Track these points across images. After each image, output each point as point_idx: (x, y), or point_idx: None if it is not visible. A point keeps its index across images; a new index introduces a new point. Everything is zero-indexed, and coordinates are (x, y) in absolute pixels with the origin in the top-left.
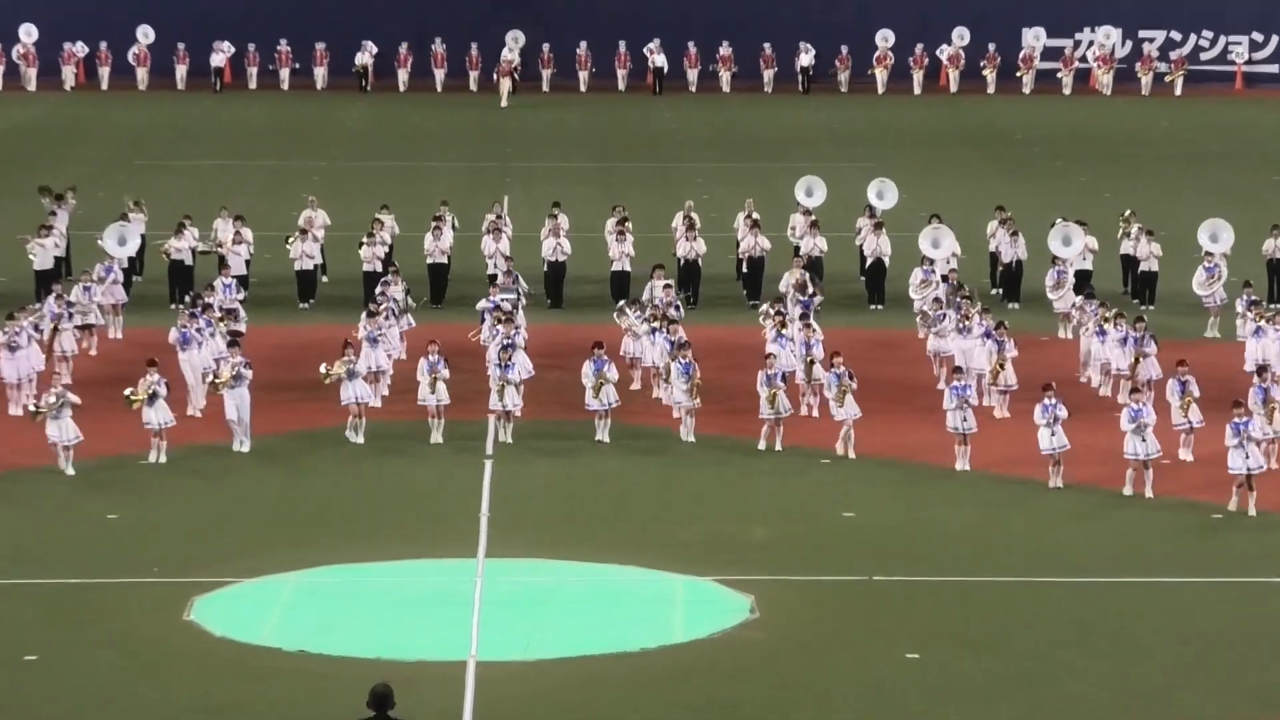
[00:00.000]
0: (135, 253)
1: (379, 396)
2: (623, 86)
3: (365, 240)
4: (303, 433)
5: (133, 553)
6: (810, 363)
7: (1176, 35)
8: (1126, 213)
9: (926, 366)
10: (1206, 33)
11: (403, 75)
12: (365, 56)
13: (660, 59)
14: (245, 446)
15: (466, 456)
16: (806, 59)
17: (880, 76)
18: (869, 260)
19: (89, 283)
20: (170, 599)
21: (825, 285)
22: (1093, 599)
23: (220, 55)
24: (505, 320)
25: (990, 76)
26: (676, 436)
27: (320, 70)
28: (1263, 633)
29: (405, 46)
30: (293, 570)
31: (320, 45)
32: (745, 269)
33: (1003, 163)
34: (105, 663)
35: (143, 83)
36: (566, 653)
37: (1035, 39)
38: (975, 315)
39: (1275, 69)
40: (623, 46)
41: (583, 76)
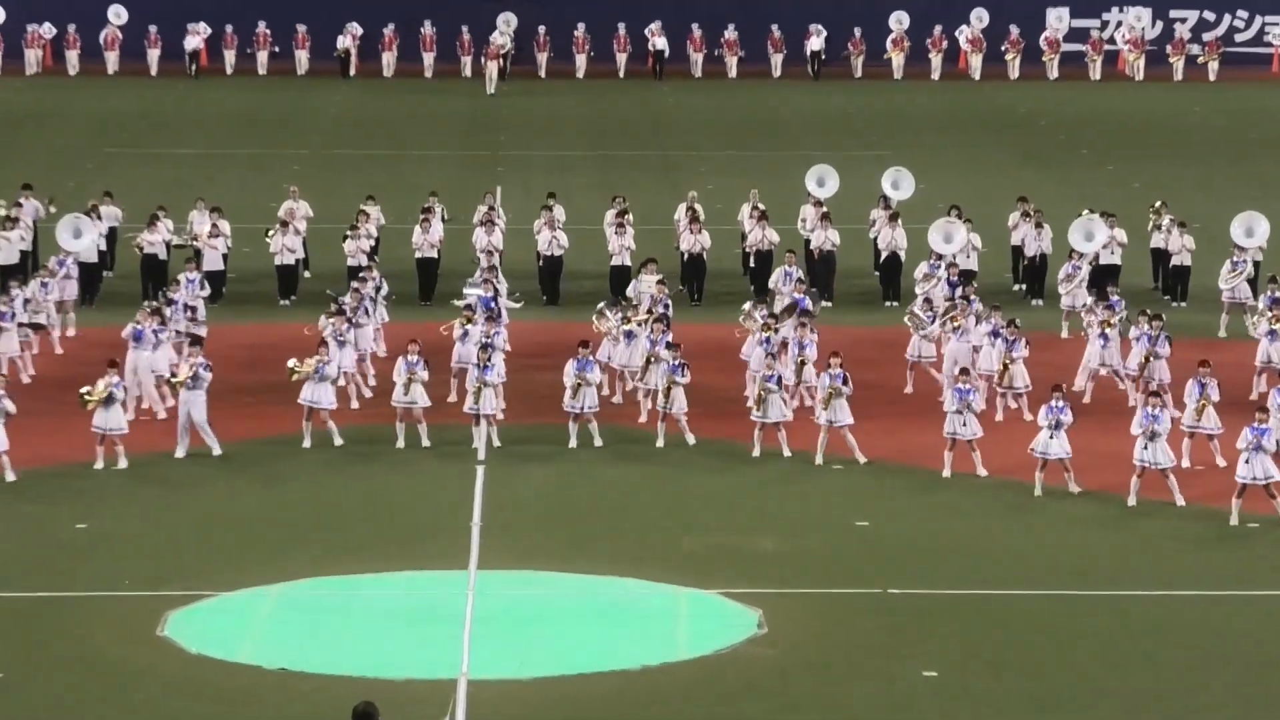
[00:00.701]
0: (104, 246)
1: (356, 399)
2: (622, 71)
3: (349, 233)
4: (283, 437)
5: (102, 565)
6: (801, 363)
7: (1210, 15)
8: (1157, 204)
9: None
10: (1241, 13)
11: (388, 59)
12: (348, 39)
13: (661, 42)
14: (215, 448)
15: (456, 462)
16: (817, 42)
17: (896, 61)
18: (883, 254)
19: (46, 279)
20: (142, 614)
21: (837, 280)
22: (1123, 613)
23: (195, 38)
24: (489, 319)
25: (1014, 62)
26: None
27: (302, 54)
28: None
29: (391, 28)
30: (272, 583)
31: (301, 27)
32: (752, 263)
33: (1026, 151)
34: (73, 682)
35: (113, 67)
36: (563, 671)
37: (1058, 20)
38: (972, 318)
39: None
40: (622, 28)
41: (580, 60)
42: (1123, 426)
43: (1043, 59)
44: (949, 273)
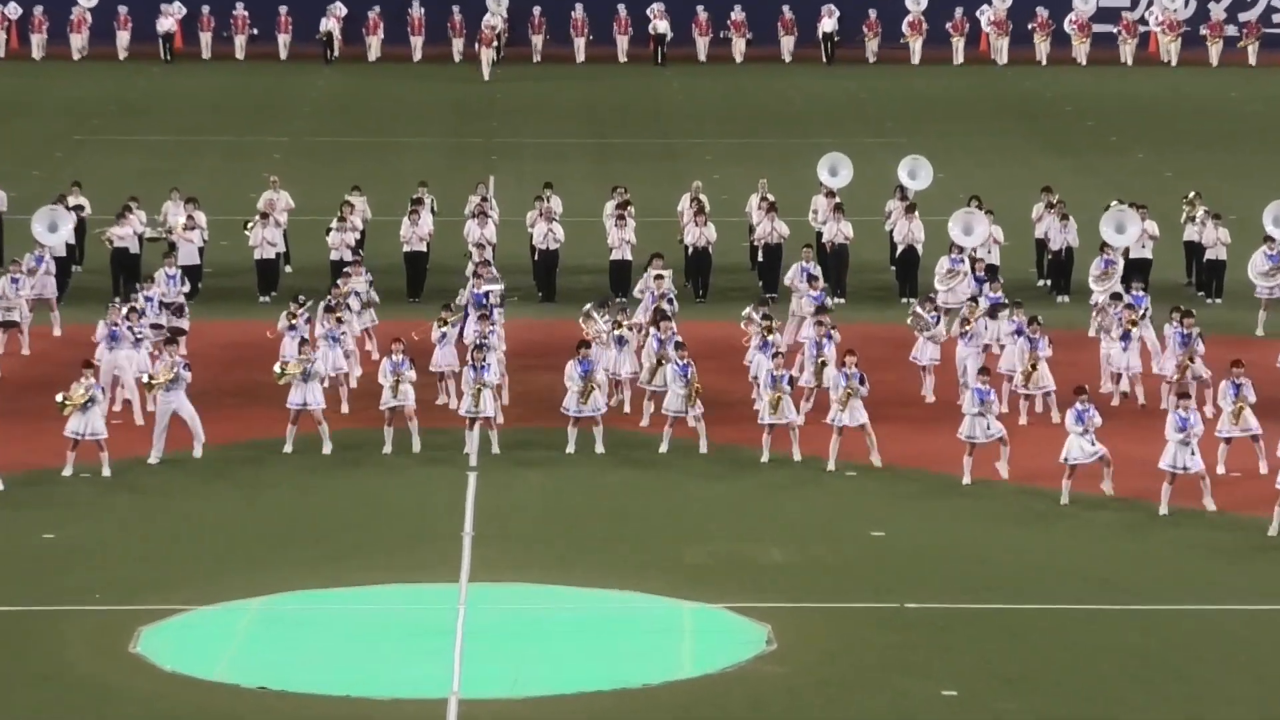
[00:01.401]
0: (72, 239)
1: (346, 402)
2: (623, 56)
3: (334, 225)
4: (262, 442)
5: (71, 577)
6: (822, 365)
7: None
8: (1190, 194)
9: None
10: None
11: (373, 42)
12: (331, 22)
13: (663, 24)
14: (198, 452)
15: (446, 468)
16: (830, 24)
17: (914, 45)
18: (900, 248)
19: (17, 274)
20: (114, 629)
21: (851, 275)
22: (1152, 628)
23: (169, 20)
24: (482, 318)
25: (1043, 46)
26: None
27: (284, 37)
28: None
29: (376, 10)
30: (251, 596)
31: (283, 9)
32: (760, 258)
33: (1050, 138)
34: (40, 701)
35: (79, 50)
36: (560, 690)
37: (1084, 2)
38: (982, 320)
39: None
40: (623, 10)
41: (578, 44)
42: (1155, 429)
43: (1071, 42)
44: (974, 268)
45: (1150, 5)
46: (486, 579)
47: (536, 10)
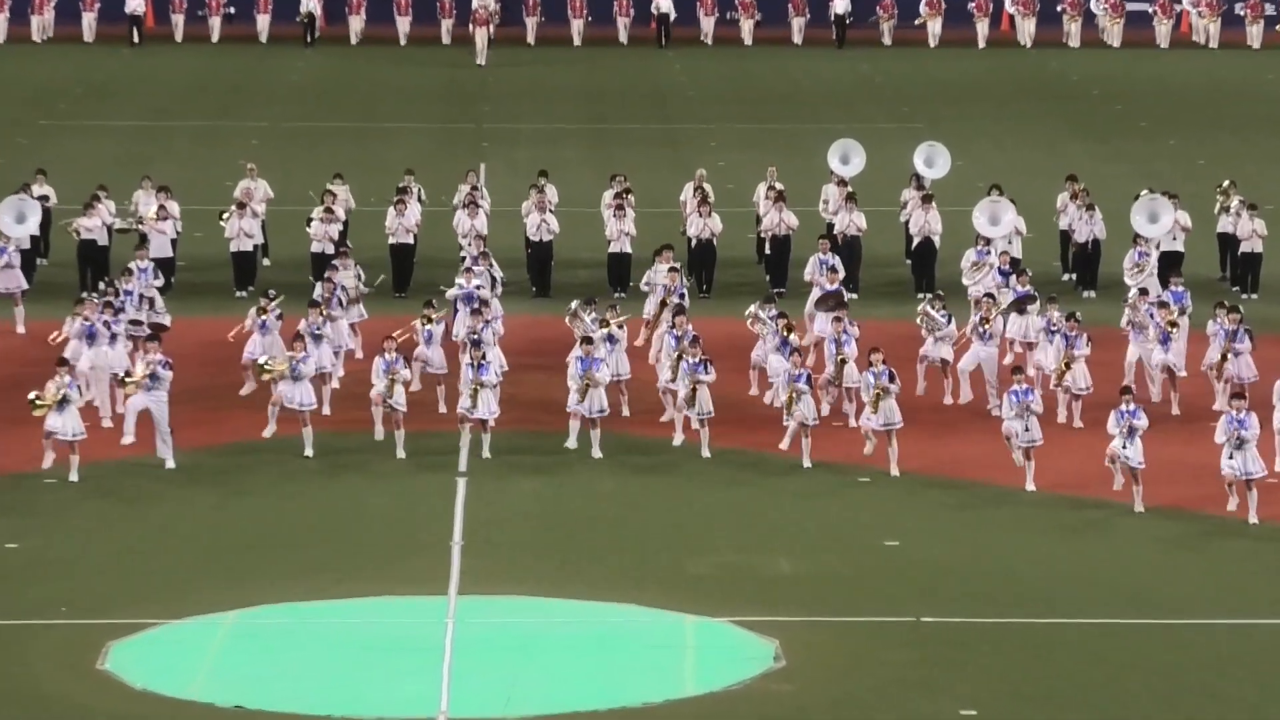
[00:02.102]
0: (36, 230)
1: (329, 403)
2: (624, 37)
3: (318, 216)
4: (239, 446)
5: (36, 589)
6: (841, 363)
7: None
8: (1225, 183)
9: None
10: None
11: (355, 24)
12: (312, 2)
13: (666, 4)
14: (169, 461)
15: (434, 474)
16: (842, 5)
17: (932, 27)
18: (916, 240)
19: None
20: (82, 644)
21: (864, 269)
22: (1185, 645)
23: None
24: (475, 312)
25: (1074, 28)
26: (681, 449)
27: (263, 18)
28: None
29: None
30: (228, 610)
31: None
32: (768, 250)
33: (1076, 123)
34: None
35: (42, 31)
36: (554, 709)
37: None
38: (999, 319)
39: None
40: None
41: (576, 25)
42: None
43: (1101, 23)
44: (1000, 261)
45: None
46: (477, 591)
47: None
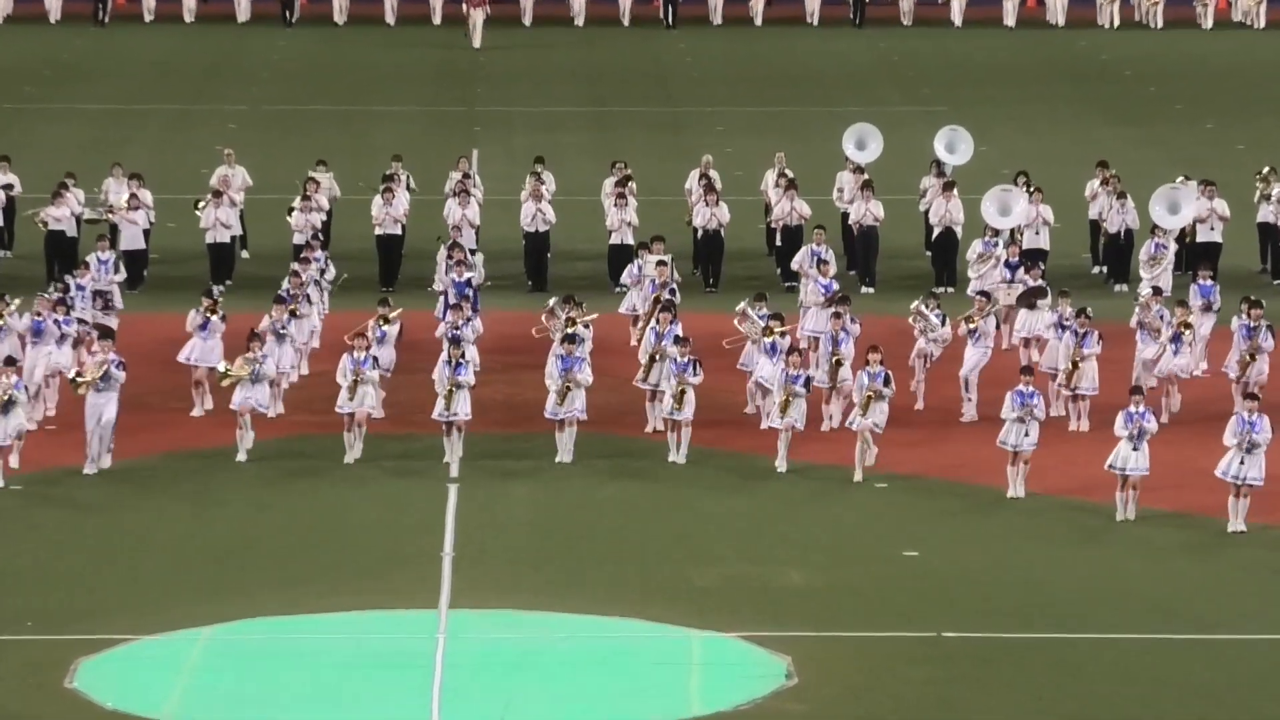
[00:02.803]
0: (1, 221)
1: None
2: (627, 17)
3: (298, 205)
4: (213, 451)
5: (0, 603)
6: (837, 363)
7: None
8: (1265, 170)
9: (997, 366)
10: None
11: (340, 3)
12: None
13: None
14: (105, 463)
15: (422, 481)
16: None
17: (956, 4)
18: (936, 230)
19: None
20: (48, 661)
21: (881, 261)
22: (1219, 660)
23: None
24: (455, 308)
25: (1113, 9)
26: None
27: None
28: None
29: None
30: (202, 625)
31: None
32: (779, 241)
33: (1108, 106)
34: None
35: (2, 11)
36: None
37: None
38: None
39: None
40: None
41: (577, 3)
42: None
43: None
44: (1008, 253)
45: None
46: (469, 605)
47: None
